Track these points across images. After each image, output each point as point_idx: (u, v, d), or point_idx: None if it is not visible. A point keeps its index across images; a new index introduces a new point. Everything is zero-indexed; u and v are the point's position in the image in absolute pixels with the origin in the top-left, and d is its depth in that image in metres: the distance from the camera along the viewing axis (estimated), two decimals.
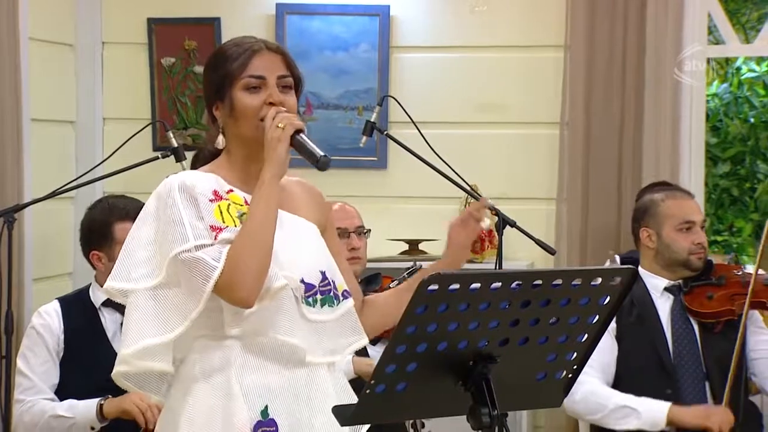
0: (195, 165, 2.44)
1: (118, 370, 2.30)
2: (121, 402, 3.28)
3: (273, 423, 2.26)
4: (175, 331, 2.22)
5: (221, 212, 2.26)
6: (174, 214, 2.23)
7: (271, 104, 2.30)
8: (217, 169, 2.35)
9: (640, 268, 3.73)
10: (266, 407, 2.26)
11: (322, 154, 2.28)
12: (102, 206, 3.54)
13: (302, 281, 2.31)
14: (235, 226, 2.25)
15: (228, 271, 2.19)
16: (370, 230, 3.74)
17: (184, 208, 2.23)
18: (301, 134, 2.29)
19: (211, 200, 2.26)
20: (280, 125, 2.26)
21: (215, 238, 2.23)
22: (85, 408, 3.34)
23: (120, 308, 3.45)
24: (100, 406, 3.31)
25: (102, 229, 3.46)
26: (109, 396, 3.30)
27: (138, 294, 2.25)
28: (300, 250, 2.33)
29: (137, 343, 2.23)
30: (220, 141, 2.34)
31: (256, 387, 2.26)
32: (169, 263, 2.22)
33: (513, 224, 3.64)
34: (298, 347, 2.29)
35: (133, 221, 3.45)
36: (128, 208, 3.47)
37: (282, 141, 2.26)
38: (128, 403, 3.26)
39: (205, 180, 2.29)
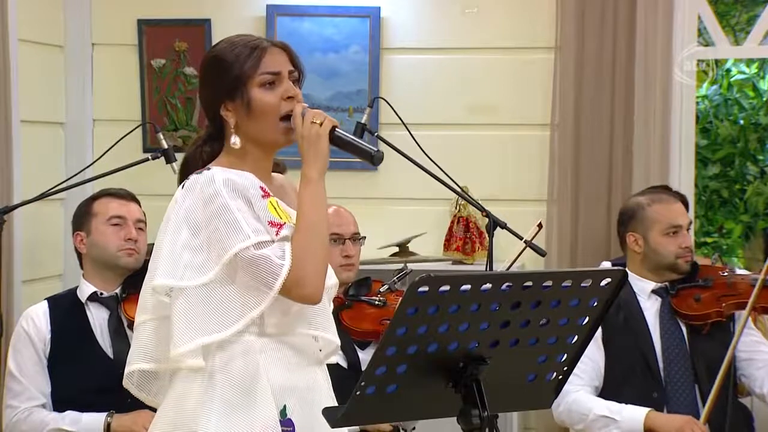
0: (190, 169, 2.34)
1: (140, 368, 2.28)
2: (132, 425, 3.25)
3: (290, 423, 2.26)
4: (232, 328, 2.20)
5: (275, 208, 2.26)
6: (226, 212, 2.20)
7: (290, 98, 2.29)
8: (231, 167, 2.30)
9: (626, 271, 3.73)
10: (285, 407, 2.26)
11: (375, 149, 2.29)
12: (91, 195, 3.63)
13: None
14: (290, 222, 2.25)
15: (294, 268, 2.18)
16: (365, 237, 3.72)
17: (236, 205, 2.20)
18: (339, 130, 2.29)
19: (262, 196, 2.25)
20: (316, 121, 2.25)
21: (276, 234, 2.21)
22: (90, 423, 3.30)
23: (106, 303, 3.44)
24: (108, 424, 3.28)
25: (82, 210, 3.53)
26: (113, 411, 3.28)
27: (188, 292, 2.22)
28: None
29: (193, 341, 2.20)
30: (237, 141, 2.30)
31: (279, 385, 2.26)
32: (228, 262, 2.19)
33: (504, 226, 3.64)
34: (331, 344, 2.32)
35: (112, 197, 3.53)
36: (112, 189, 3.58)
37: (322, 137, 2.25)
38: (139, 426, 3.23)
39: (247, 177, 2.26)
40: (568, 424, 3.62)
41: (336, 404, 2.33)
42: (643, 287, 3.70)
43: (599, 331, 3.57)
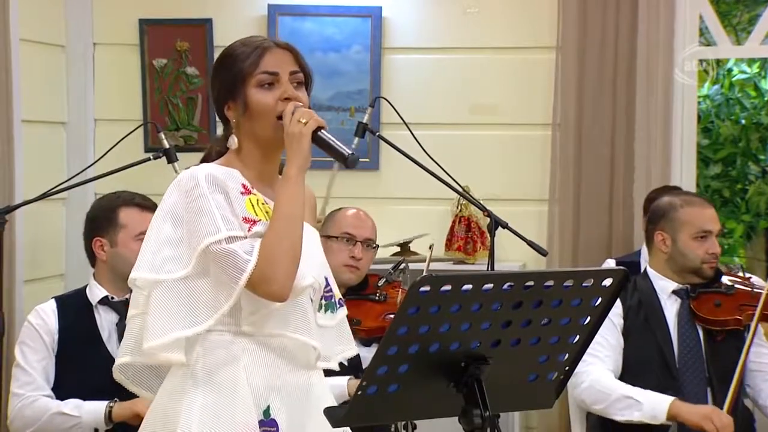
0: None
1: (125, 361, 2.29)
2: (132, 406, 3.25)
3: (274, 423, 2.24)
4: (205, 323, 2.20)
5: (252, 205, 2.25)
6: (203, 205, 2.20)
7: (287, 99, 2.28)
8: (231, 166, 2.31)
9: (648, 269, 3.72)
10: (269, 407, 2.25)
11: (350, 152, 2.26)
12: (109, 196, 3.58)
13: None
14: (267, 220, 2.24)
15: (261, 264, 2.17)
16: (378, 246, 3.73)
17: (214, 198, 2.21)
18: (324, 131, 2.27)
19: (242, 193, 2.25)
20: (302, 120, 2.24)
21: (249, 230, 2.21)
22: (92, 409, 3.31)
23: (116, 307, 3.44)
24: (110, 409, 3.29)
25: (106, 214, 3.48)
26: (116, 399, 3.29)
27: (165, 285, 2.22)
28: (311, 255, 2.32)
29: (166, 335, 2.20)
30: (234, 142, 2.31)
31: (261, 385, 2.25)
32: (200, 254, 2.19)
33: (505, 225, 3.64)
34: (313, 349, 2.30)
35: (140, 209, 3.50)
36: (134, 196, 3.51)
37: (305, 135, 2.24)
38: (141, 407, 3.23)
39: (231, 173, 2.26)
40: (588, 404, 3.60)
41: (332, 404, 2.33)
42: (664, 286, 3.69)
43: (621, 322, 3.59)
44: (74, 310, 3.44)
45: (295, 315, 2.27)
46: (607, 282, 2.07)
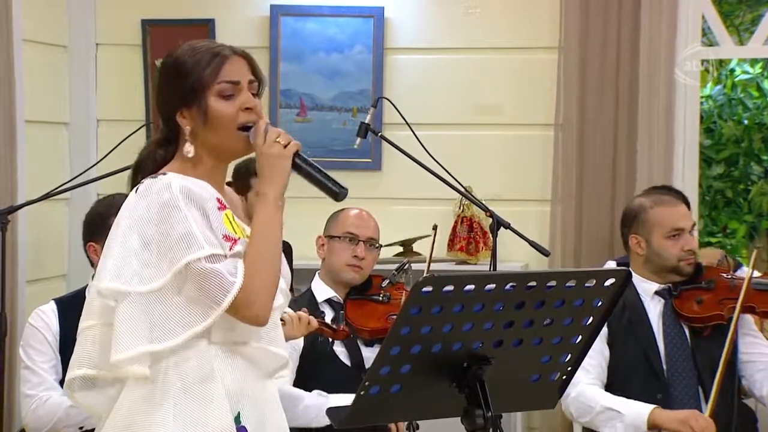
0: (143, 173, 2.29)
1: (87, 373, 2.20)
2: None
3: (244, 430, 2.21)
4: (174, 339, 2.14)
5: (230, 222, 2.20)
6: (179, 220, 2.13)
7: (248, 109, 2.24)
8: (184, 173, 2.24)
9: (632, 272, 3.72)
10: (239, 414, 2.21)
11: (340, 187, 2.26)
12: (106, 200, 3.58)
13: None
14: (243, 237, 2.20)
15: (246, 286, 2.13)
16: (381, 246, 3.73)
17: (191, 214, 2.14)
18: (306, 158, 2.24)
19: (218, 208, 2.20)
20: (280, 141, 2.21)
21: (230, 249, 2.16)
22: None
23: None
24: None
25: (101, 222, 3.48)
26: None
27: (133, 297, 2.15)
28: None
29: (134, 348, 2.13)
30: (191, 150, 2.24)
31: (234, 392, 2.21)
32: (179, 271, 2.13)
33: (507, 226, 3.64)
34: (281, 358, 2.29)
35: None
36: None
37: (286, 158, 2.21)
38: None
39: (203, 186, 2.21)
40: (575, 417, 3.61)
41: (282, 415, 2.31)
42: (647, 288, 3.69)
43: (605, 329, 3.57)
44: (75, 312, 3.42)
45: (266, 327, 2.23)
46: (610, 282, 2.08)
